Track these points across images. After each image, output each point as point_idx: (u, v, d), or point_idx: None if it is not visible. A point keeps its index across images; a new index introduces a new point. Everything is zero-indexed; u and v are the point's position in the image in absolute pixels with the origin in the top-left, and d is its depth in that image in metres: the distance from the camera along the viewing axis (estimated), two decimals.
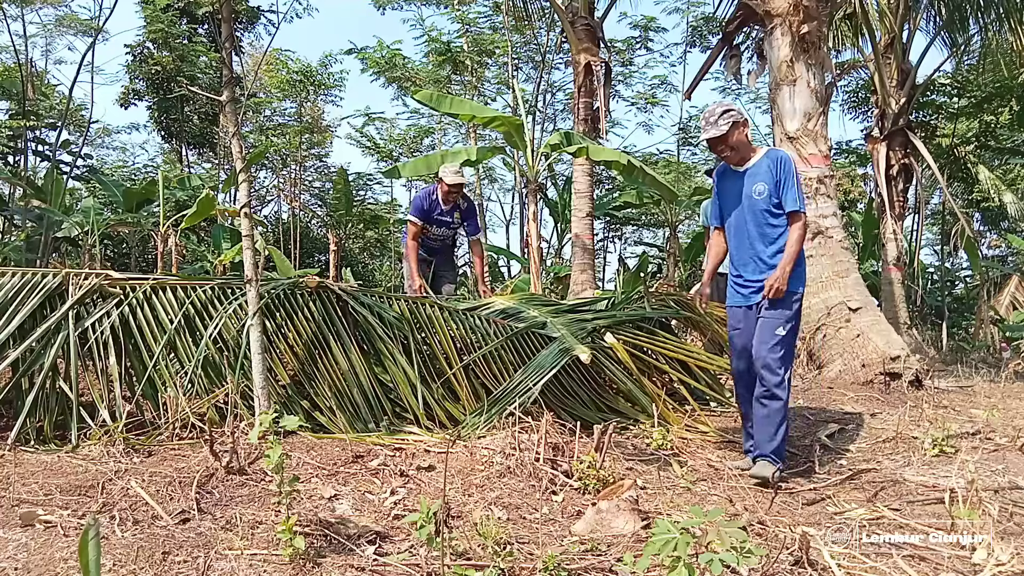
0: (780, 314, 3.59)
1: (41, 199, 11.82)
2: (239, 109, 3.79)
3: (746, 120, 3.74)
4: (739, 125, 3.66)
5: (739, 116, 3.67)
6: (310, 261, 18.84)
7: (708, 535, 1.97)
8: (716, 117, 3.65)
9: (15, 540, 2.27)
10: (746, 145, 3.74)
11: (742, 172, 3.76)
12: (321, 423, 3.84)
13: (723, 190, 3.89)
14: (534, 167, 8.68)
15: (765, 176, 3.68)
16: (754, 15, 7.01)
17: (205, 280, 4.37)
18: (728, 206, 3.86)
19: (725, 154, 3.73)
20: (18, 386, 3.59)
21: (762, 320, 3.63)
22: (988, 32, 10.53)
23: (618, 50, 18.48)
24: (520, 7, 12.36)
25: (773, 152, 3.78)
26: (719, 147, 3.71)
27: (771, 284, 3.56)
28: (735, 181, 3.80)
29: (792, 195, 3.63)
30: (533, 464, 3.22)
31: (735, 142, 3.68)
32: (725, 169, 3.88)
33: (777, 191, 3.66)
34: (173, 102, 16.81)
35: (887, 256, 10.45)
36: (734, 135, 3.65)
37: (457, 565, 2.20)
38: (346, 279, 13.87)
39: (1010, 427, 4.25)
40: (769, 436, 3.51)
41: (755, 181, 3.71)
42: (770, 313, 3.61)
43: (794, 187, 3.64)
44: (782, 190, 3.65)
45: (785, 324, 3.58)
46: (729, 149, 3.69)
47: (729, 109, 3.68)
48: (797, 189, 3.65)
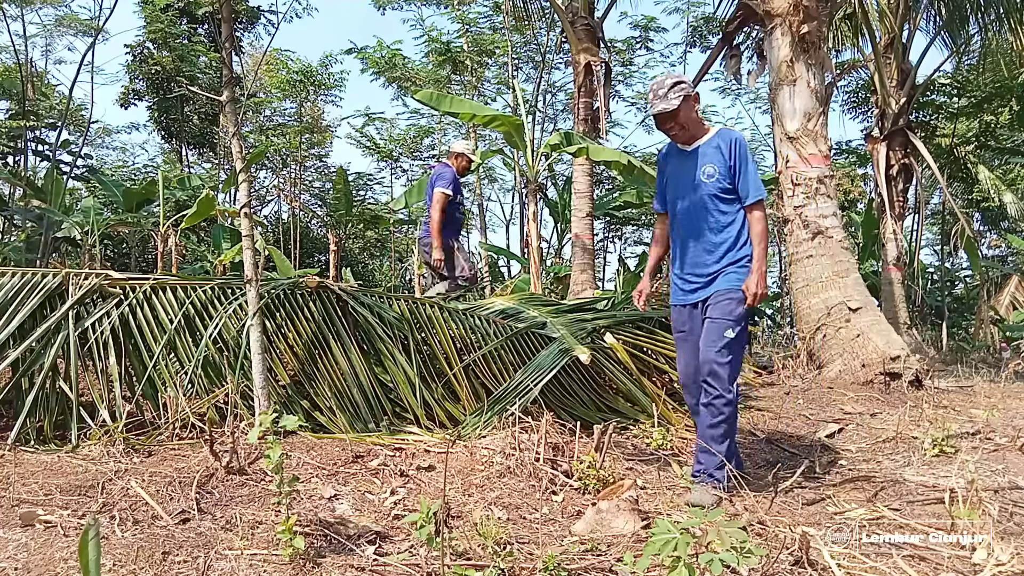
0: (730, 314, 3.20)
1: (41, 199, 11.82)
2: (239, 109, 3.79)
3: (697, 95, 3.39)
4: (690, 100, 3.29)
5: (690, 90, 3.31)
6: (310, 261, 18.85)
7: (708, 535, 1.97)
8: (666, 90, 3.25)
9: (15, 540, 2.27)
10: (696, 122, 3.36)
11: (690, 152, 3.38)
12: (321, 423, 3.84)
13: (669, 173, 3.49)
14: (534, 167, 8.68)
15: (715, 157, 3.29)
16: (754, 15, 7.02)
17: (205, 280, 4.37)
18: (673, 190, 3.45)
19: (673, 132, 3.35)
20: (18, 386, 3.59)
21: (709, 322, 3.24)
22: (988, 32, 10.53)
23: (618, 50, 18.50)
24: (520, 7, 12.37)
25: (726, 132, 3.38)
26: (667, 124, 3.31)
27: (752, 291, 3.18)
28: (682, 162, 3.40)
29: (750, 183, 3.25)
30: (533, 464, 3.22)
31: (685, 119, 3.29)
32: (672, 149, 3.48)
33: (730, 176, 3.27)
34: (173, 102, 16.82)
35: (887, 256, 10.45)
36: (684, 111, 3.27)
37: (457, 565, 2.20)
38: (346, 279, 13.88)
39: (1010, 427, 4.25)
40: (713, 451, 3.15)
41: (704, 163, 3.31)
42: (718, 313, 3.22)
43: (751, 173, 3.26)
44: (737, 176, 3.26)
45: (735, 326, 3.20)
46: (678, 127, 3.32)
47: (680, 82, 3.29)
48: (755, 175, 3.27)
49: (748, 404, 5.07)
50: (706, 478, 3.17)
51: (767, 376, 6.17)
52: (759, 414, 4.83)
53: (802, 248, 6.47)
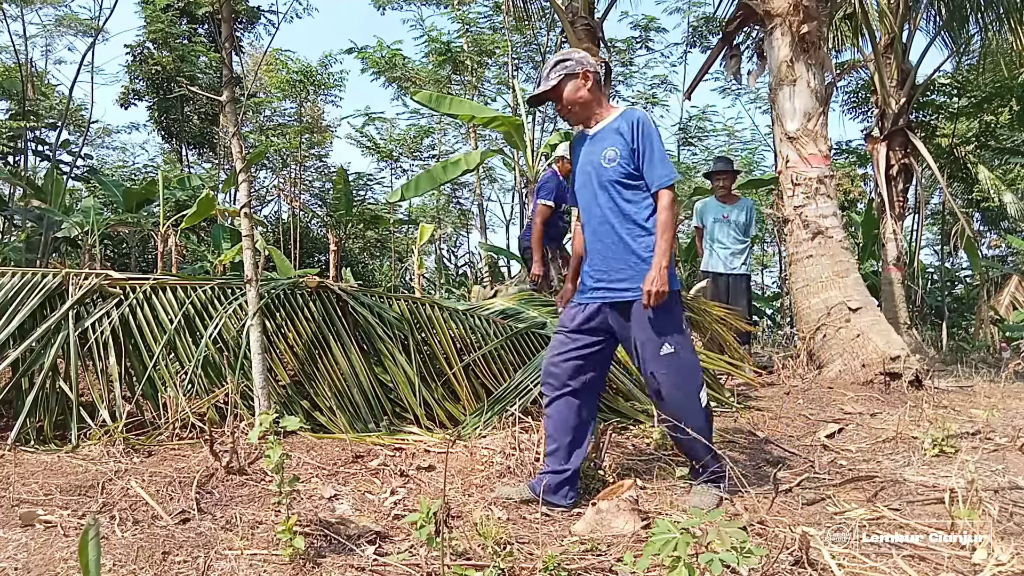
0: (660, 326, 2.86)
1: (41, 199, 11.82)
2: (239, 109, 3.80)
3: (588, 72, 3.00)
4: (574, 77, 2.98)
5: (579, 67, 2.98)
6: (310, 261, 18.85)
7: (708, 535, 1.97)
8: (548, 69, 3.01)
9: (15, 540, 2.27)
10: (589, 103, 3.02)
11: (593, 136, 3.07)
12: (321, 423, 3.84)
13: (576, 160, 3.16)
14: (534, 167, 8.69)
15: (616, 140, 2.96)
16: (754, 15, 7.02)
17: (205, 280, 4.37)
18: (579, 179, 3.11)
19: (563, 113, 3.07)
20: (18, 386, 3.59)
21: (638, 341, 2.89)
22: (988, 32, 10.53)
23: (618, 50, 18.50)
24: (520, 7, 12.36)
25: (630, 112, 3.03)
26: (557, 106, 3.06)
27: (649, 290, 2.80)
28: (587, 148, 3.07)
29: (656, 167, 2.91)
30: (533, 464, 3.22)
31: (572, 98, 2.98)
32: (581, 135, 3.16)
33: (634, 160, 2.94)
34: (173, 102, 16.82)
35: (887, 256, 10.44)
36: (569, 90, 2.98)
37: (457, 565, 2.20)
38: (346, 279, 13.88)
39: (1010, 427, 4.25)
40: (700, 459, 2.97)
41: (605, 147, 2.99)
42: (643, 326, 2.87)
43: (658, 156, 2.92)
44: (642, 160, 2.93)
45: (671, 338, 2.87)
46: (565, 109, 3.03)
47: (566, 59, 3.01)
48: (663, 160, 2.93)
49: (748, 404, 5.07)
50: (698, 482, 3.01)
51: (767, 376, 6.17)
52: (759, 414, 4.83)
53: (802, 248, 6.47)
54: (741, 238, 7.03)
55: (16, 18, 15.85)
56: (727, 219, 7.00)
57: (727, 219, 7.00)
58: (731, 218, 6.99)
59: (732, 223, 7.00)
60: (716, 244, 7.03)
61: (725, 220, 7.00)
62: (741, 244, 7.03)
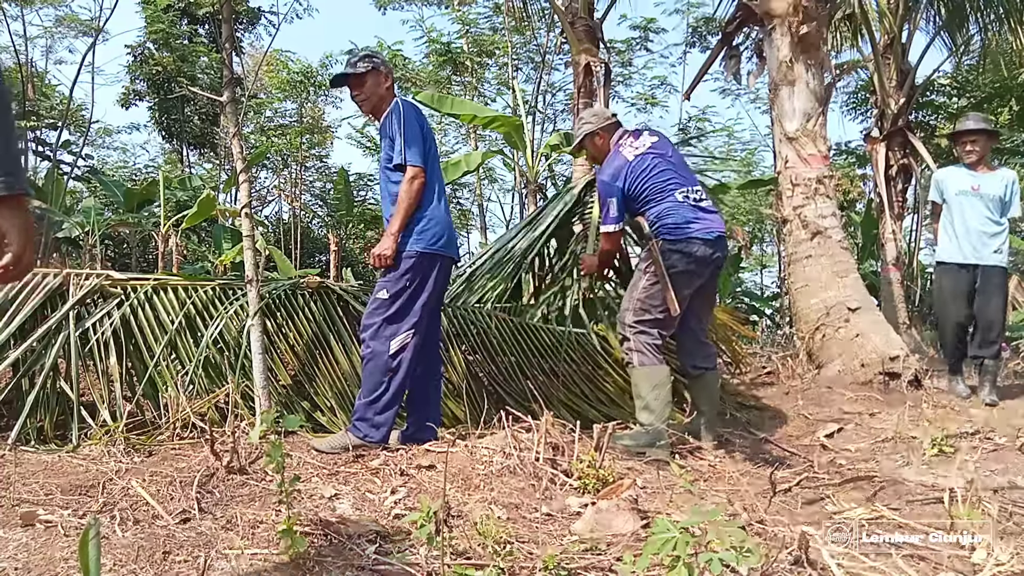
0: (387, 277, 3.31)
1: (42, 199, 11.82)
2: (240, 110, 3.80)
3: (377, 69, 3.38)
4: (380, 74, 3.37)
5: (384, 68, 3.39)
6: (311, 261, 18.86)
7: (708, 535, 1.97)
8: (356, 59, 3.36)
9: (15, 540, 2.27)
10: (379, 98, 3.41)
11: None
12: (322, 423, 3.84)
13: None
14: (534, 167, 8.70)
15: (384, 131, 3.34)
16: (754, 15, 7.02)
17: (206, 280, 4.38)
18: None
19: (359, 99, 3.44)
20: (19, 386, 3.59)
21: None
22: (988, 32, 10.53)
23: (618, 51, 18.50)
24: (520, 8, 12.38)
25: (395, 104, 3.37)
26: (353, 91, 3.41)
27: (374, 252, 3.27)
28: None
29: (397, 149, 3.24)
30: (533, 463, 3.22)
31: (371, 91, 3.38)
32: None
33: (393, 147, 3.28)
34: (174, 102, 16.84)
35: (886, 256, 10.45)
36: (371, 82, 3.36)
37: (457, 564, 2.20)
38: (347, 279, 13.88)
39: (1010, 427, 4.25)
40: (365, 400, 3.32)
41: (382, 138, 3.38)
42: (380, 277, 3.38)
43: (404, 139, 3.23)
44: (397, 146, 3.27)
45: (390, 286, 3.29)
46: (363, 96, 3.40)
47: (372, 55, 3.41)
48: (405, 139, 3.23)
49: (747, 404, 5.07)
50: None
51: (766, 376, 6.17)
52: (758, 414, 4.84)
53: (801, 248, 6.47)
54: (996, 219, 5.33)
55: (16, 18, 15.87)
56: (977, 191, 5.32)
57: (977, 191, 5.32)
58: (983, 191, 5.31)
59: (985, 197, 5.31)
60: (960, 224, 5.37)
61: (975, 193, 5.32)
62: (998, 227, 5.33)
